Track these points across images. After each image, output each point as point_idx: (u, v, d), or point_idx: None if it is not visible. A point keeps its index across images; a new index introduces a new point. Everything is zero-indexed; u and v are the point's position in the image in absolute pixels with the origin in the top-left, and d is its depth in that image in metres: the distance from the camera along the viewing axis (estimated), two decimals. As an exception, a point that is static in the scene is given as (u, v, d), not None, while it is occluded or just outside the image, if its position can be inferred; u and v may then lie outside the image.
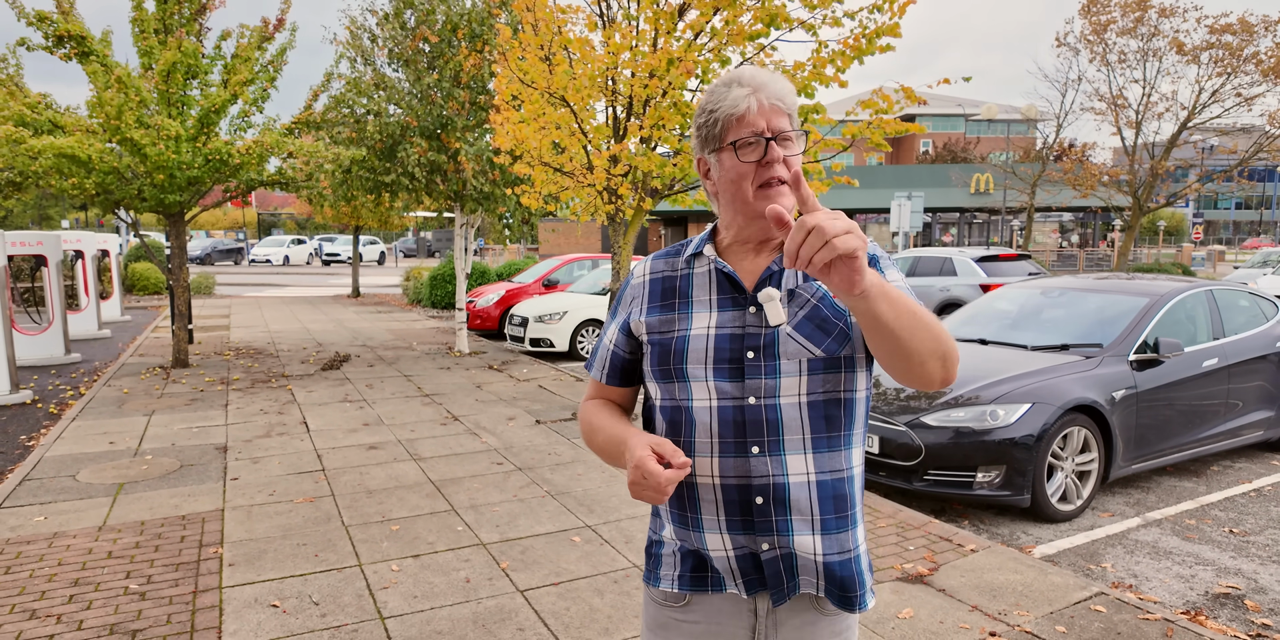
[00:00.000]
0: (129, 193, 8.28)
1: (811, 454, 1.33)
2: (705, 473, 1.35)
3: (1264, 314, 6.00)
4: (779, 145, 1.32)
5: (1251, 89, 17.49)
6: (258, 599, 3.43)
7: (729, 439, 1.33)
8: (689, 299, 1.41)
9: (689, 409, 1.36)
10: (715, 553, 1.37)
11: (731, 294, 1.38)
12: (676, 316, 1.41)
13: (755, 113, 1.31)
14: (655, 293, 1.46)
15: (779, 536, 1.33)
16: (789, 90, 1.36)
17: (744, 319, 1.36)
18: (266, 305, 18.21)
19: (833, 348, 1.32)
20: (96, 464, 5.45)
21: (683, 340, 1.38)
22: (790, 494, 1.32)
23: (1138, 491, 5.27)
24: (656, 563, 1.46)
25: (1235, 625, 3.46)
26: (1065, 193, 25.48)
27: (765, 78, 1.33)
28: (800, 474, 1.33)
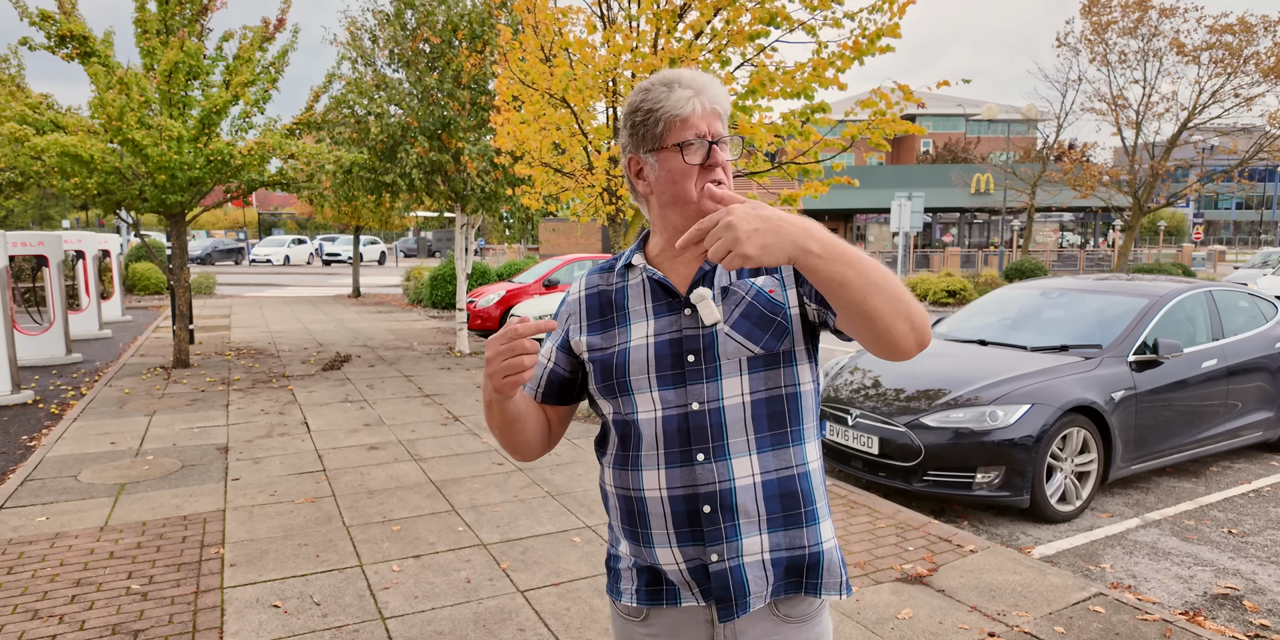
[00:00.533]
0: (130, 193, 8.29)
1: (756, 454, 1.31)
2: (653, 486, 1.34)
3: (1263, 315, 6.00)
4: (719, 149, 1.32)
5: (1251, 89, 17.51)
6: (259, 599, 3.44)
7: (674, 448, 1.32)
8: (625, 311, 1.40)
9: (635, 422, 1.35)
10: (668, 566, 1.35)
11: (666, 300, 1.37)
12: (616, 332, 1.39)
13: (699, 115, 1.30)
14: (593, 308, 1.45)
15: (727, 543, 1.31)
16: (725, 95, 1.36)
17: (680, 322, 1.34)
18: (267, 305, 18.23)
19: (771, 344, 1.31)
20: (98, 464, 5.46)
21: (624, 353, 1.36)
22: (737, 499, 1.30)
23: (1137, 492, 5.28)
24: (616, 577, 1.45)
25: (1234, 626, 3.47)
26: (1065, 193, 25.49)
27: (705, 81, 1.33)
28: (746, 475, 1.31)
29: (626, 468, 1.38)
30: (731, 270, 1.12)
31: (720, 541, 1.31)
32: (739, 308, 1.33)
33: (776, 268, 1.34)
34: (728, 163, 1.34)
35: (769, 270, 1.34)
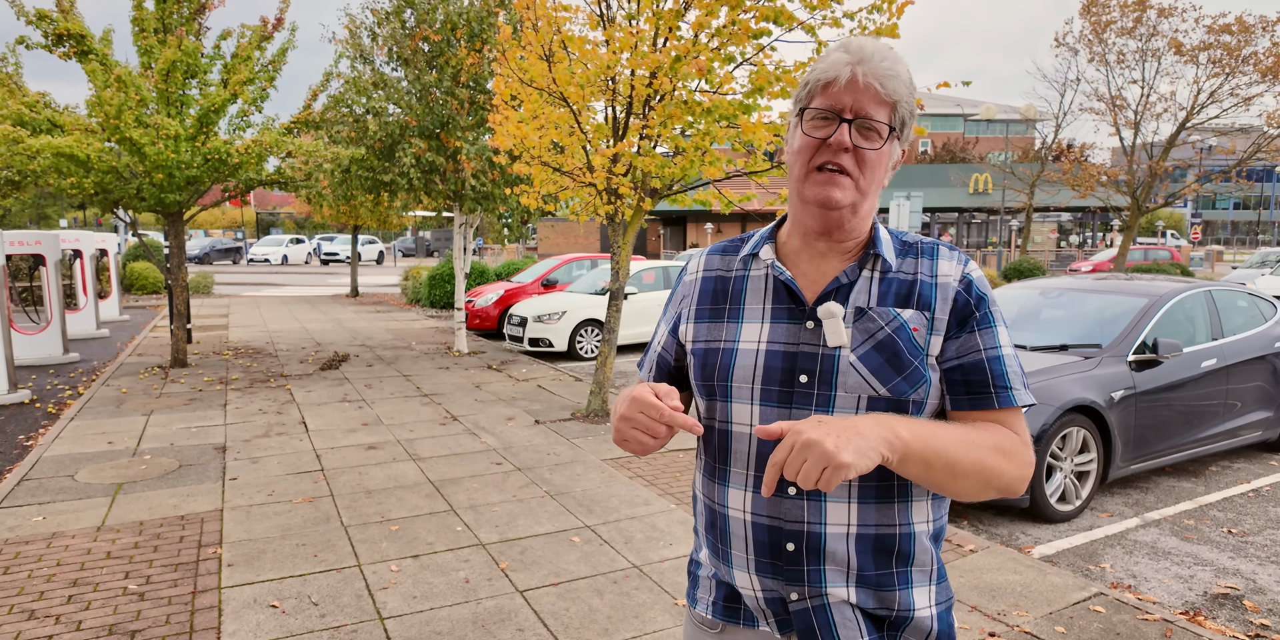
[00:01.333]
0: (128, 192, 8.27)
1: (856, 504, 1.17)
2: (738, 506, 1.22)
3: (1262, 314, 6.00)
4: (857, 133, 1.15)
5: (1249, 89, 17.51)
6: (257, 599, 3.42)
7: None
8: (740, 306, 1.26)
9: (730, 433, 1.23)
10: (744, 591, 1.25)
11: (788, 305, 1.22)
12: (725, 325, 1.26)
13: (842, 86, 1.14)
14: (706, 294, 1.31)
15: (809, 586, 1.19)
16: (897, 74, 1.15)
17: (799, 335, 1.19)
18: (265, 305, 18.20)
19: (901, 389, 1.15)
20: (95, 464, 5.44)
21: (730, 354, 1.23)
22: (826, 545, 1.17)
23: (1136, 492, 5.28)
24: (694, 583, 1.37)
25: (1234, 625, 3.46)
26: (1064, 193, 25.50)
27: (872, 50, 1.14)
28: (840, 524, 1.17)
29: (714, 480, 1.27)
30: (834, 485, 0.98)
31: (802, 583, 1.19)
32: (873, 338, 1.17)
33: (928, 306, 1.19)
34: (869, 152, 1.15)
35: (921, 305, 1.19)
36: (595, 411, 6.87)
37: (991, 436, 1.13)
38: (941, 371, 1.19)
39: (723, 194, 6.81)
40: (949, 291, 1.20)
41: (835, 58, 1.16)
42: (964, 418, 1.19)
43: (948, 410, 1.21)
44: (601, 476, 5.21)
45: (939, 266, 1.22)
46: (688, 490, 4.95)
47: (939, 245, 1.26)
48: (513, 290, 13.13)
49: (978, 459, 1.09)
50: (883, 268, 1.22)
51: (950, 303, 1.20)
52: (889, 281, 1.21)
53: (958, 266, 1.23)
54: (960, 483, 1.09)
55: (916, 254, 1.24)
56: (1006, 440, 1.15)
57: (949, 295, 1.20)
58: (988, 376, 1.18)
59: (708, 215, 37.62)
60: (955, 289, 1.20)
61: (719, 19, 5.68)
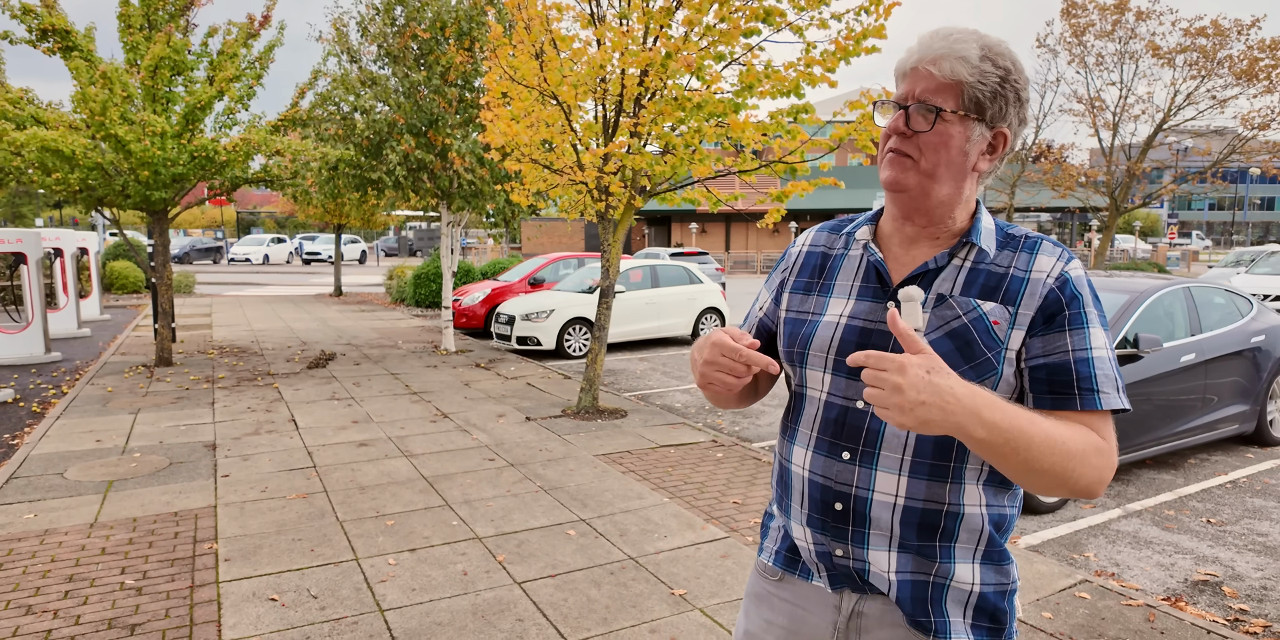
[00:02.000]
0: (112, 189, 8.20)
1: (907, 477, 1.20)
2: (799, 462, 1.31)
3: (1239, 311, 6.14)
4: (915, 117, 1.18)
5: (1225, 91, 17.83)
6: (255, 593, 3.44)
7: (826, 436, 1.26)
8: (832, 282, 1.33)
9: (804, 396, 1.31)
10: (800, 542, 1.33)
11: (875, 284, 1.28)
12: (815, 299, 1.34)
13: (906, 76, 1.20)
14: (806, 266, 1.39)
15: (853, 546, 1.25)
16: (950, 54, 1.16)
17: (879, 313, 1.24)
18: (248, 304, 18.06)
19: (968, 376, 1.14)
20: (84, 462, 5.42)
21: (814, 324, 1.30)
22: (871, 511, 1.22)
23: (1118, 484, 5.39)
24: (765, 533, 1.45)
25: (1214, 610, 3.56)
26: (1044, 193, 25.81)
27: (934, 35, 1.19)
28: (888, 493, 1.21)
29: (785, 436, 1.37)
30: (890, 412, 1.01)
31: (846, 541, 1.25)
32: (948, 325, 1.19)
33: (1015, 300, 1.19)
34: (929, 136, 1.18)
35: (1007, 300, 1.19)
36: (586, 408, 6.90)
37: (1081, 440, 1.11)
38: (1027, 369, 1.18)
39: (711, 192, 6.87)
40: (1040, 287, 1.19)
41: (909, 48, 1.21)
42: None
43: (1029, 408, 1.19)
44: (594, 472, 5.25)
45: (1036, 261, 1.21)
46: (680, 485, 5.00)
47: (1043, 240, 1.24)
48: (499, 289, 13.13)
49: (1059, 462, 1.07)
50: (976, 257, 1.23)
51: (1040, 299, 1.18)
52: (979, 272, 1.22)
53: (1057, 263, 1.21)
54: (1033, 479, 1.09)
55: (1017, 247, 1.24)
56: (1089, 439, 1.12)
57: (1040, 291, 1.19)
58: (1073, 377, 1.16)
59: (692, 215, 37.76)
60: (1049, 286, 1.19)
61: (709, 17, 5.74)
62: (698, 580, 3.60)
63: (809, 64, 5.89)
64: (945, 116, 1.17)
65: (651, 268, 11.97)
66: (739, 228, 40.34)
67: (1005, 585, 1.26)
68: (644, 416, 6.88)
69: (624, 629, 3.15)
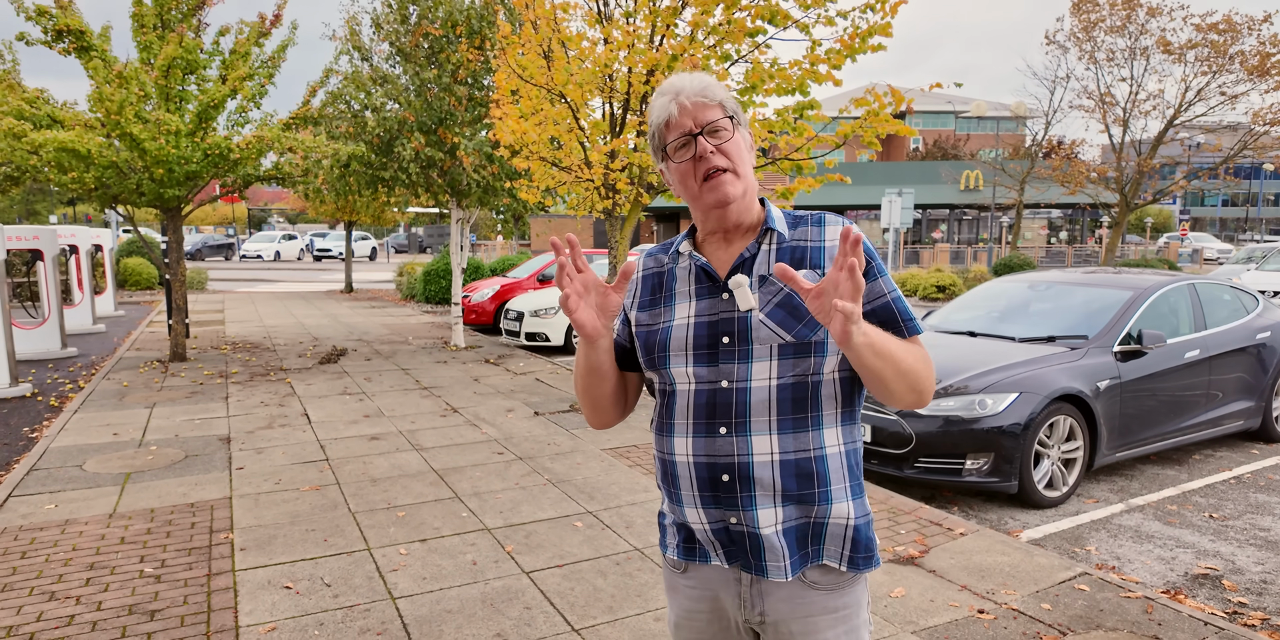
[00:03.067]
0: (127, 187, 8.32)
1: (776, 435, 1.39)
2: (681, 452, 1.45)
3: (1245, 307, 6.16)
4: (708, 137, 1.39)
5: (1236, 87, 17.73)
6: (270, 581, 3.53)
7: (700, 420, 1.42)
8: (672, 292, 1.51)
9: (672, 393, 1.47)
10: (695, 526, 1.47)
11: (708, 284, 1.46)
12: (662, 310, 1.51)
13: (678, 115, 1.39)
14: (646, 287, 1.56)
15: (744, 512, 1.40)
16: (709, 83, 1.41)
17: (719, 306, 1.43)
18: (260, 300, 18.23)
19: (803, 333, 1.37)
20: (102, 454, 5.53)
21: (666, 331, 1.47)
22: (754, 472, 1.39)
23: (1121, 479, 5.43)
24: (663, 532, 1.59)
25: (1213, 603, 3.60)
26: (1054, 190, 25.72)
27: (682, 81, 1.41)
28: (764, 453, 1.39)
29: (662, 433, 1.50)
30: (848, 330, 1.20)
31: (737, 508, 1.40)
32: (776, 297, 1.40)
33: (819, 264, 1.42)
34: (726, 145, 1.39)
35: (812, 265, 1.42)
36: (593, 403, 6.97)
37: (919, 352, 1.39)
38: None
39: (718, 189, 6.92)
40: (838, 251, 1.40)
41: (658, 103, 1.42)
42: None
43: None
44: (601, 465, 5.33)
45: (826, 233, 1.45)
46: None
47: (826, 215, 1.48)
48: (508, 285, 13.21)
49: (912, 363, 1.33)
50: (778, 240, 1.45)
51: None
52: (784, 250, 1.45)
53: (843, 230, 1.42)
54: (898, 382, 1.31)
55: (808, 223, 1.47)
56: (925, 355, 1.41)
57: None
58: (895, 314, 1.42)
59: (701, 212, 37.68)
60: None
61: (715, 17, 5.79)
62: (702, 571, 3.66)
63: (815, 62, 5.94)
64: (729, 126, 1.40)
65: (659, 264, 12.02)
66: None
67: (868, 516, 1.47)
68: (650, 412, 6.95)
69: (629, 617, 3.22)
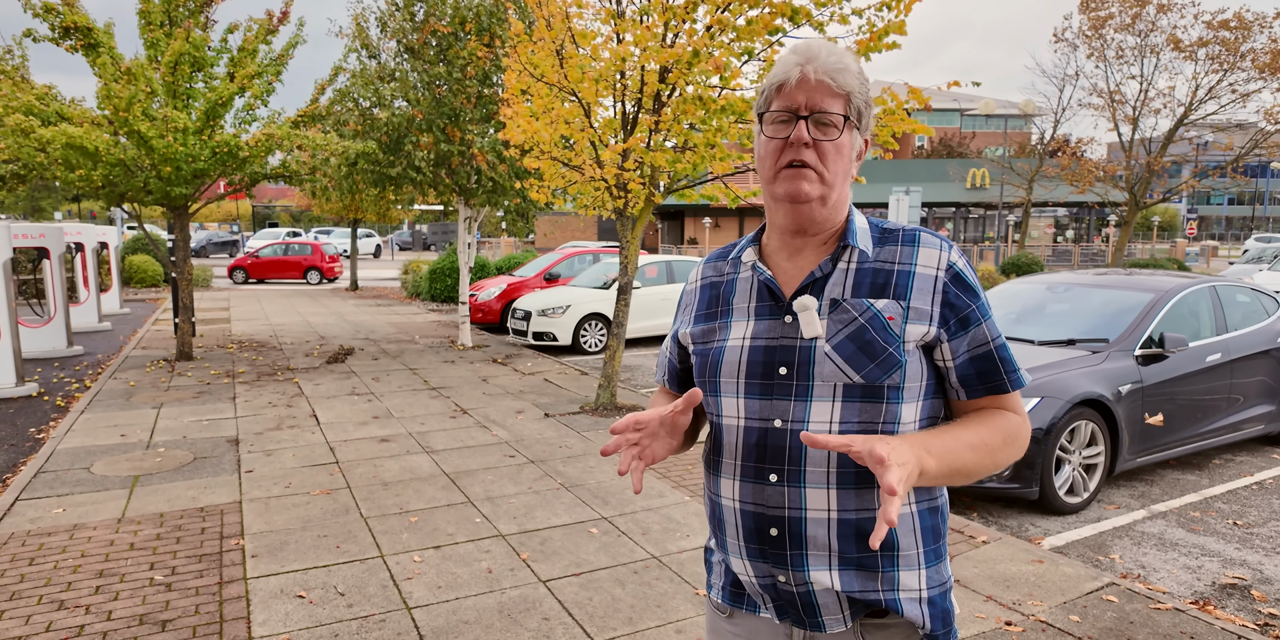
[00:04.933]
0: (135, 185, 8.26)
1: (836, 490, 1.20)
2: (728, 495, 1.28)
3: (1265, 310, 6.07)
4: (815, 127, 1.19)
5: (1247, 85, 17.59)
6: (283, 590, 3.47)
7: (750, 462, 1.25)
8: (730, 307, 1.33)
9: (720, 426, 1.30)
10: (742, 577, 1.31)
11: (770, 302, 1.28)
12: (718, 326, 1.33)
13: (794, 86, 1.19)
14: (704, 300, 1.39)
15: (794, 571, 1.23)
16: (845, 68, 1.20)
17: (780, 329, 1.25)
18: (265, 298, 18.19)
19: (875, 375, 1.19)
20: (110, 456, 5.47)
21: (719, 351, 1.30)
22: (806, 530, 1.21)
23: (1142, 484, 5.35)
24: (709, 569, 1.44)
25: (1243, 615, 3.53)
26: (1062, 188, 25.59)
27: (819, 49, 1.21)
28: (820, 509, 1.20)
29: (710, 470, 1.34)
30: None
31: (786, 567, 1.24)
32: (848, 328, 1.21)
33: (905, 294, 1.23)
34: (827, 144, 1.20)
35: (897, 294, 1.23)
36: (604, 405, 6.91)
37: (1002, 431, 1.23)
38: (954, 365, 1.25)
39: (730, 188, 6.85)
40: (933, 282, 1.23)
41: (785, 60, 1.22)
42: (976, 405, 1.28)
43: (958, 399, 1.28)
44: (614, 469, 5.26)
45: (919, 255, 1.25)
46: (701, 483, 5.00)
47: (920, 232, 1.28)
48: (515, 284, 13.15)
49: (991, 461, 1.20)
50: (859, 259, 1.26)
51: (939, 294, 1.23)
52: (865, 271, 1.25)
53: (942, 255, 1.25)
54: (972, 480, 1.21)
55: (897, 242, 1.27)
56: (1014, 427, 1.25)
57: (934, 287, 1.23)
58: (998, 364, 1.25)
59: (706, 210, 37.66)
60: (943, 280, 1.24)
61: (740, 18, 5.71)
62: (722, 580, 3.60)
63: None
64: (840, 126, 1.21)
65: (667, 263, 11.95)
66: (752, 222, 40.18)
67: (945, 584, 1.28)
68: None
69: (650, 629, 3.16)
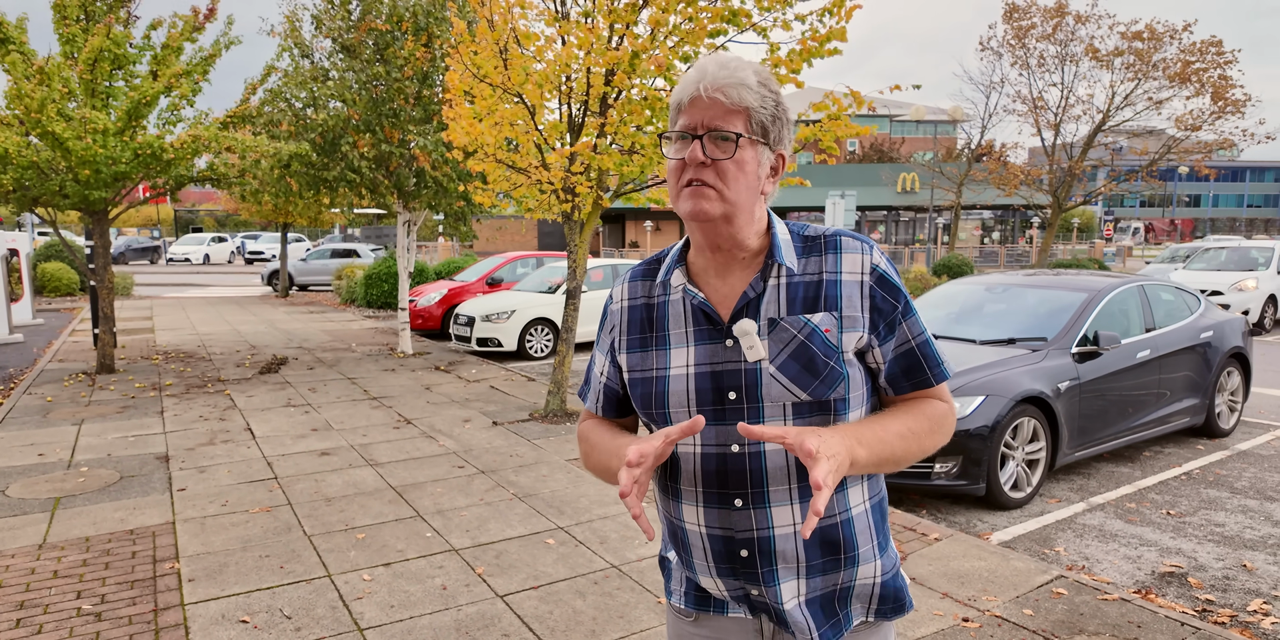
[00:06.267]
0: (49, 189, 7.80)
1: (799, 504, 1.23)
2: (692, 520, 1.28)
3: (1188, 307, 6.36)
4: (712, 145, 1.16)
5: (1160, 93, 18.51)
6: (225, 615, 3.29)
7: (712, 489, 1.24)
8: (666, 333, 1.29)
9: (675, 454, 1.27)
10: (712, 590, 1.33)
11: (707, 326, 1.25)
12: (654, 354, 1.29)
13: (689, 104, 1.17)
14: (634, 323, 1.34)
15: (765, 587, 1.27)
16: (740, 82, 1.15)
17: (722, 354, 1.23)
18: (191, 306, 17.45)
19: (821, 391, 1.20)
20: (27, 478, 5.13)
21: (663, 381, 1.27)
22: (775, 546, 1.24)
23: (1080, 478, 5.53)
24: (668, 576, 1.43)
25: (1182, 601, 3.66)
26: (989, 191, 26.49)
27: (712, 65, 1.17)
28: (786, 525, 1.23)
29: (668, 496, 1.33)
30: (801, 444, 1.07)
31: (758, 583, 1.27)
32: (788, 347, 1.21)
33: (836, 305, 1.23)
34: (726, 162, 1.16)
35: (828, 306, 1.23)
36: (554, 411, 6.82)
37: (929, 418, 1.26)
38: (884, 366, 1.27)
39: (677, 192, 6.83)
40: (860, 288, 1.24)
41: (687, 78, 1.19)
42: (904, 400, 1.30)
43: (888, 395, 1.30)
44: (568, 477, 5.18)
45: (843, 262, 1.25)
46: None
47: (841, 236, 1.27)
48: (456, 289, 12.91)
49: (919, 448, 1.24)
50: (787, 274, 1.25)
51: (868, 300, 1.24)
52: (795, 286, 1.24)
53: (864, 258, 1.25)
54: (901, 467, 1.24)
55: (821, 250, 1.26)
56: (940, 414, 1.28)
57: (861, 292, 1.24)
58: (921, 361, 1.28)
59: (647, 213, 37.76)
60: (868, 284, 1.24)
61: (675, 16, 5.70)
62: (683, 587, 3.56)
63: (776, 65, 5.90)
64: (740, 142, 1.17)
65: (613, 267, 11.90)
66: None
67: (895, 566, 1.34)
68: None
69: (613, 641, 3.09)
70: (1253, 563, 4.08)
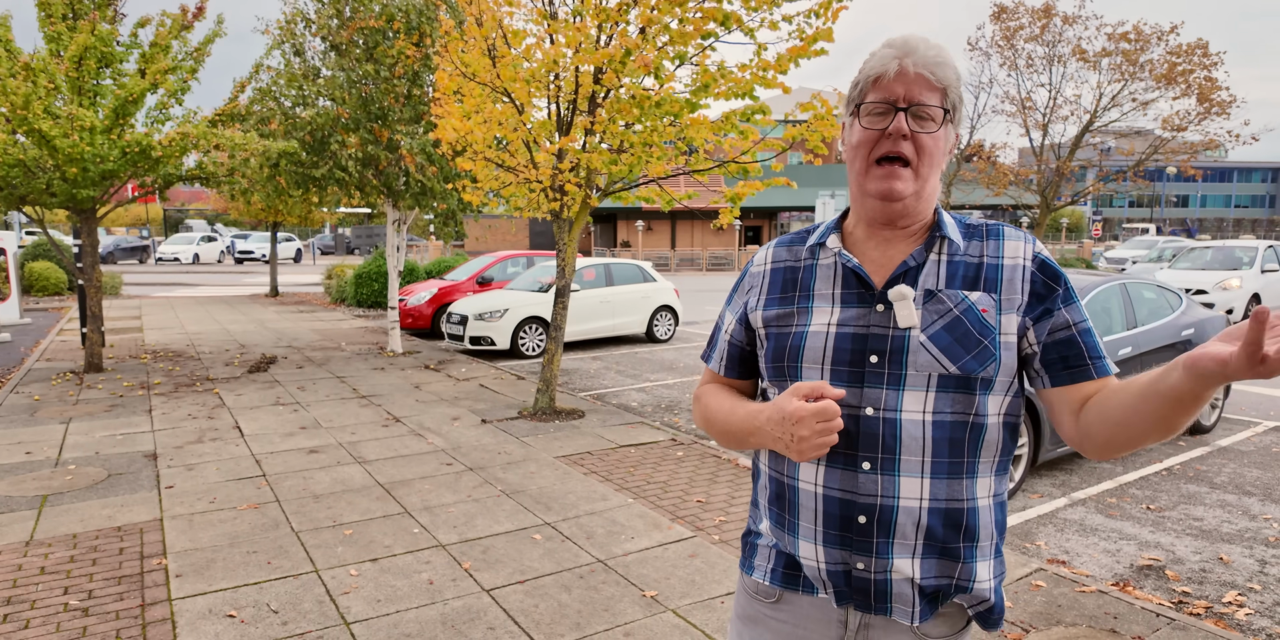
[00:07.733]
0: (36, 187, 7.78)
1: (929, 479, 1.21)
2: (809, 479, 1.25)
3: (1170, 305, 6.43)
4: (913, 120, 1.20)
5: (1146, 94, 18.66)
6: (212, 609, 3.31)
7: (839, 449, 1.22)
8: (810, 292, 1.30)
9: None
10: (807, 561, 1.28)
11: (857, 289, 1.26)
12: (795, 311, 1.30)
13: (893, 78, 1.20)
14: (775, 283, 1.36)
15: (877, 559, 1.22)
16: (944, 62, 1.20)
17: (869, 318, 1.24)
18: (180, 306, 17.39)
19: (971, 366, 1.19)
20: (14, 475, 5.13)
21: (800, 336, 1.27)
22: (897, 518, 1.21)
23: (1062, 473, 5.59)
24: (752, 551, 1.40)
25: (1159, 594, 3.72)
26: (978, 191, 26.63)
27: (918, 43, 1.21)
28: (913, 498, 1.21)
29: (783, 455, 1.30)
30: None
31: (869, 555, 1.23)
32: (943, 319, 1.21)
33: (995, 287, 1.23)
34: (925, 136, 1.20)
35: (987, 288, 1.23)
36: (543, 409, 6.84)
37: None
38: (1039, 350, 1.23)
39: (665, 191, 6.88)
40: (1021, 272, 1.24)
41: (882, 53, 1.22)
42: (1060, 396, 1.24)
43: (1044, 387, 1.25)
44: (556, 474, 5.21)
45: (1005, 248, 1.26)
46: (643, 485, 5.00)
47: (1003, 227, 1.30)
48: (446, 288, 12.91)
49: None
50: (950, 250, 1.26)
51: (1027, 284, 1.24)
52: (956, 264, 1.25)
53: (1026, 246, 1.27)
54: (1163, 433, 1.13)
55: (983, 236, 1.28)
56: None
57: (1022, 276, 1.24)
58: (1083, 350, 1.23)
59: (638, 213, 37.78)
60: (1029, 270, 1.24)
61: (669, 17, 5.73)
62: (668, 581, 3.60)
63: (764, 68, 5.94)
64: (939, 119, 1.21)
65: (605, 266, 11.93)
66: (684, 225, 40.56)
67: (1002, 574, 1.31)
68: (602, 416, 6.86)
69: (598, 633, 3.13)
70: (1229, 556, 4.15)
